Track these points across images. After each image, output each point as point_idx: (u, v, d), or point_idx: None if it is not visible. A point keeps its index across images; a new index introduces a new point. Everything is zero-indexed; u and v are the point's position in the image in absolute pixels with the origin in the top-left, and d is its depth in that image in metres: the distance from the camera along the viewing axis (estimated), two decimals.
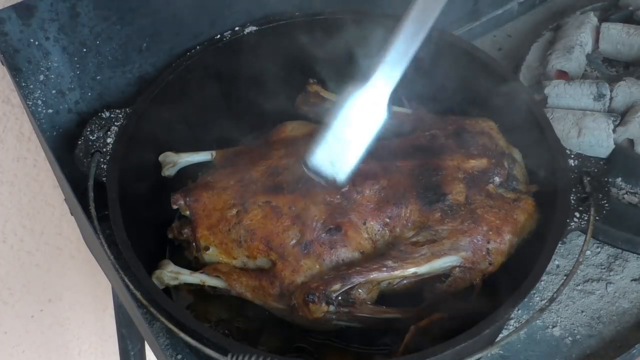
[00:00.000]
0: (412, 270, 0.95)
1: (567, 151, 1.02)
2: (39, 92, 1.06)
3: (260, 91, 1.23)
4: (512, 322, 1.07)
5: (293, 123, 1.15)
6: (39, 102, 1.07)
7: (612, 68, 1.36)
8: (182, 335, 0.87)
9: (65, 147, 1.09)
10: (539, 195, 1.03)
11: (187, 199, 1.03)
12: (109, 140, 1.04)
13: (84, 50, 1.06)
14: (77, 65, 1.07)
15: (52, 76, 1.06)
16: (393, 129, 1.14)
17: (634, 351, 1.05)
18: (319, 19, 1.18)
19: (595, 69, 1.33)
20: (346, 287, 0.94)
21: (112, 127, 1.05)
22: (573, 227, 0.96)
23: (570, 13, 1.45)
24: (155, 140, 1.12)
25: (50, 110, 1.08)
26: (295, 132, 1.13)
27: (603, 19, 1.40)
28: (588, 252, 1.16)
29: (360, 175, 1.01)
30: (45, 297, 1.60)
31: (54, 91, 1.07)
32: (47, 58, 1.04)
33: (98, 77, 1.10)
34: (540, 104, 1.21)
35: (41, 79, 1.05)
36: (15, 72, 1.03)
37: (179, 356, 1.04)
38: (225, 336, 0.98)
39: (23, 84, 1.04)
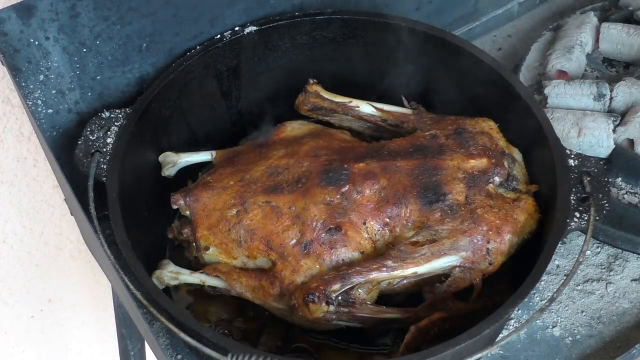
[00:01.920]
0: (412, 270, 0.95)
1: (567, 151, 1.02)
2: (39, 92, 1.06)
3: (260, 91, 1.23)
4: (512, 322, 1.07)
5: (293, 123, 1.15)
6: (39, 102, 1.07)
7: (612, 68, 1.36)
8: (182, 335, 0.87)
9: (65, 147, 1.09)
10: (539, 195, 1.03)
11: (187, 199, 1.03)
12: (109, 140, 1.04)
13: (84, 50, 1.06)
14: (77, 65, 1.07)
15: (52, 76, 1.06)
16: (393, 129, 1.14)
17: (634, 351, 1.05)
18: (319, 19, 1.18)
19: (595, 69, 1.33)
20: (346, 287, 0.94)
21: (112, 127, 1.05)
22: (573, 227, 0.96)
23: (570, 13, 1.46)
24: (155, 140, 1.12)
25: (50, 110, 1.08)
26: (295, 132, 1.12)
27: (603, 19, 1.40)
28: (588, 252, 1.16)
29: (360, 175, 1.01)
30: (45, 297, 1.60)
31: (54, 91, 1.07)
32: (47, 58, 1.04)
33: (98, 77, 1.10)
34: (540, 104, 1.21)
35: (41, 79, 1.05)
36: (15, 72, 1.02)
37: (179, 356, 1.04)
38: (225, 336, 0.99)
39: (23, 84, 1.04)
